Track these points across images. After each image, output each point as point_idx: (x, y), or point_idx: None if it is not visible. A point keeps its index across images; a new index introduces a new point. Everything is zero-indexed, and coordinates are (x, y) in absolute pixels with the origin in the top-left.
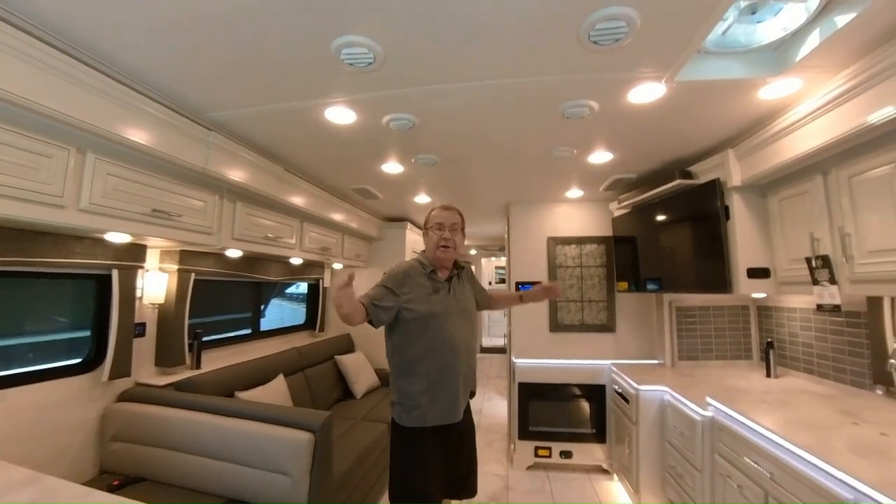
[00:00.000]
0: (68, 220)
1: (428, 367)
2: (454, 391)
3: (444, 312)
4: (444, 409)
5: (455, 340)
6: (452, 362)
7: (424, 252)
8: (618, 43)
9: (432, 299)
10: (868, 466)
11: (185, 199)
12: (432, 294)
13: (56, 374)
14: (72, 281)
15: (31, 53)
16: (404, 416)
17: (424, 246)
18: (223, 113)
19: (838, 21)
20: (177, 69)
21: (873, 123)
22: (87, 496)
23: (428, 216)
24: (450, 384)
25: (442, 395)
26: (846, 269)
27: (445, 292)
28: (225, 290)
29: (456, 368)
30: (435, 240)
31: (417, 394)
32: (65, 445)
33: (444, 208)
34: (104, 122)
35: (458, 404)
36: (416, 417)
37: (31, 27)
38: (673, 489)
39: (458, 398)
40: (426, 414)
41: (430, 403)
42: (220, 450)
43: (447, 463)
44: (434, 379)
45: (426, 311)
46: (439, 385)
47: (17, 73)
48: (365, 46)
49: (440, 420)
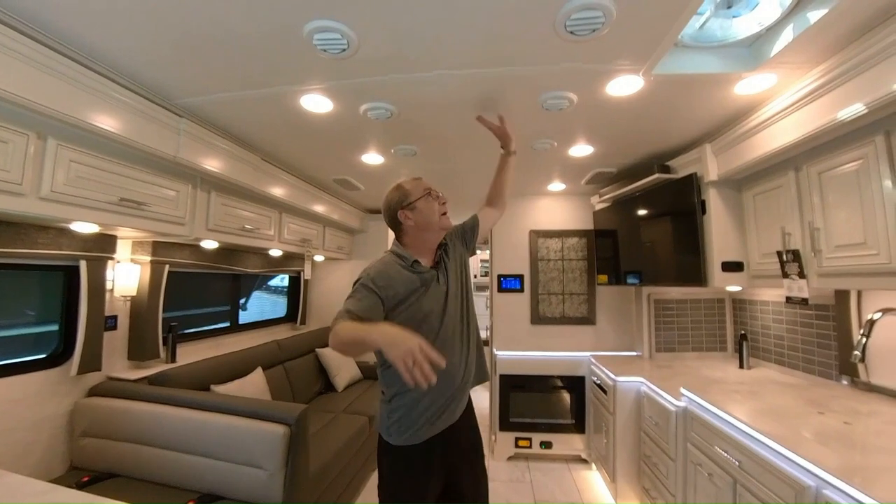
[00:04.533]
0: (28, 209)
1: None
2: (449, 394)
3: (437, 310)
4: (437, 416)
5: (453, 340)
6: (449, 368)
7: (405, 241)
8: (595, 33)
9: (423, 299)
10: (830, 454)
11: (156, 188)
12: (422, 292)
13: (22, 369)
14: (37, 273)
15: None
16: (393, 430)
17: (408, 228)
18: (195, 99)
19: (811, 17)
20: (141, 47)
21: (843, 120)
22: (49, 493)
23: (405, 191)
24: (444, 390)
25: (438, 403)
26: (815, 263)
27: (435, 283)
28: (202, 282)
29: (451, 370)
30: (436, 209)
31: (409, 405)
32: (32, 441)
33: (417, 179)
34: (64, 106)
35: (456, 405)
36: (410, 435)
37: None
38: (648, 477)
39: (456, 401)
40: (420, 427)
41: (424, 413)
42: (193, 444)
43: (450, 482)
44: (428, 388)
45: (417, 313)
46: (435, 393)
47: None
48: (338, 32)
49: (434, 431)
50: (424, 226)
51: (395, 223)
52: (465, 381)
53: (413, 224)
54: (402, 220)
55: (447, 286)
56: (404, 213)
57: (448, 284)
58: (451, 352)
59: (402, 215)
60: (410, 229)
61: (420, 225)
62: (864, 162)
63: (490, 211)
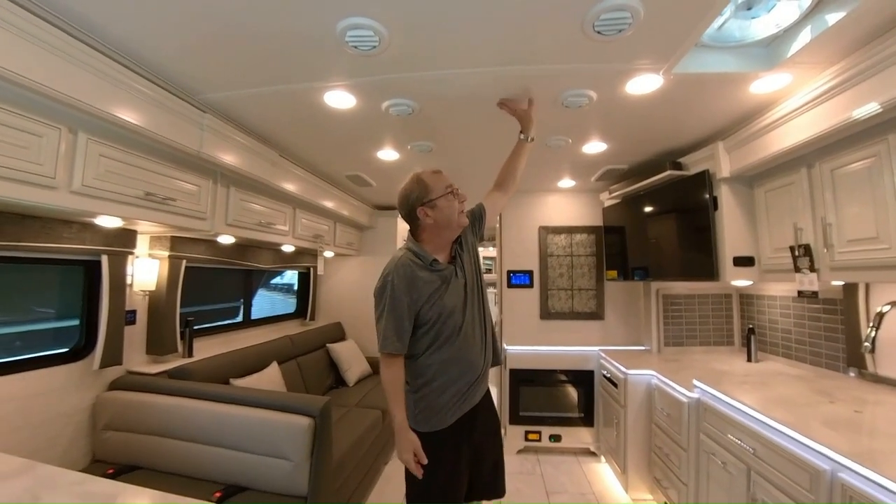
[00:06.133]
0: (61, 202)
1: (445, 370)
2: (472, 380)
3: (459, 305)
4: (461, 400)
5: (474, 330)
6: (469, 356)
7: (422, 236)
8: (621, 34)
9: (445, 296)
10: (843, 439)
11: (179, 183)
12: (444, 290)
13: (45, 363)
14: (59, 267)
15: (13, 22)
16: (420, 419)
17: (426, 225)
18: (218, 94)
19: (829, 19)
20: (170, 43)
21: (858, 118)
22: (84, 483)
23: (426, 186)
24: (468, 377)
25: (462, 389)
26: (826, 257)
27: (454, 278)
28: (216, 277)
29: (474, 359)
30: (456, 207)
31: (435, 393)
32: (56, 435)
33: (436, 172)
34: (96, 100)
35: (477, 389)
36: (436, 421)
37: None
38: (659, 468)
39: (477, 385)
40: (445, 413)
41: (450, 401)
42: (217, 436)
43: (473, 462)
44: (453, 377)
45: (437, 313)
46: (459, 380)
47: (2, 44)
48: (371, 29)
49: (458, 414)
50: (445, 224)
51: (412, 218)
52: (486, 366)
53: (432, 222)
54: (420, 217)
55: (465, 279)
56: (424, 210)
57: (465, 277)
58: (473, 342)
59: (422, 212)
60: (429, 227)
61: (440, 223)
62: (876, 159)
63: (498, 195)
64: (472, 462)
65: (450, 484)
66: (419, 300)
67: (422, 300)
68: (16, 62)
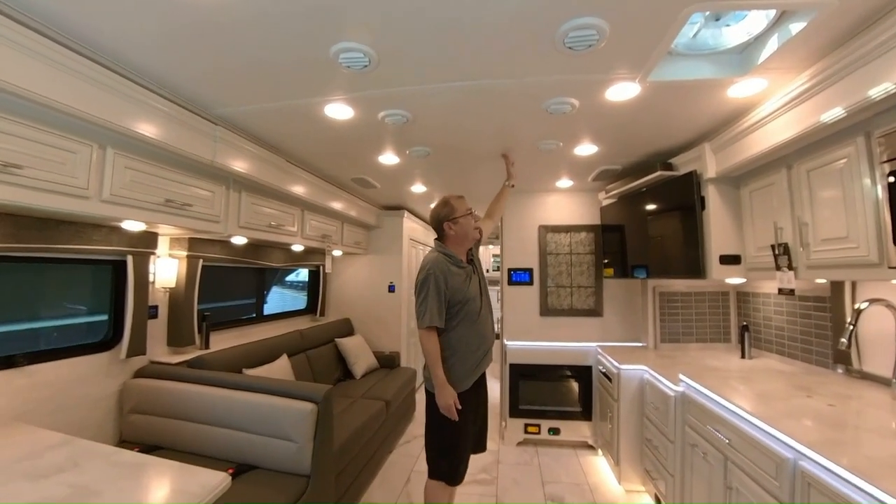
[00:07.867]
0: (92, 210)
1: (468, 342)
2: (487, 350)
3: (477, 294)
4: (477, 366)
5: (487, 313)
6: (484, 332)
7: (447, 243)
8: (591, 48)
9: (469, 286)
10: (810, 430)
11: (195, 190)
12: (469, 281)
13: (78, 352)
14: (90, 266)
15: (52, 57)
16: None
17: (450, 236)
18: (228, 109)
19: (792, 28)
20: (187, 70)
21: (825, 122)
22: (116, 454)
23: (452, 207)
24: (484, 346)
25: (479, 357)
26: (803, 255)
27: (473, 275)
28: (230, 276)
29: (487, 336)
30: (473, 223)
31: (461, 362)
32: (87, 416)
33: (460, 197)
34: (122, 119)
35: (488, 358)
36: (459, 385)
37: (53, 33)
38: (649, 460)
39: (488, 355)
40: (466, 379)
41: (470, 368)
42: (231, 420)
43: (475, 419)
44: (473, 348)
45: (464, 298)
46: (478, 349)
47: (43, 75)
48: (360, 51)
49: (474, 378)
50: (463, 236)
51: (440, 230)
52: (493, 340)
53: (454, 234)
54: (445, 230)
55: (479, 277)
56: (449, 224)
57: (479, 275)
58: (487, 321)
59: (447, 226)
60: (451, 237)
61: (460, 235)
62: (847, 161)
63: (489, 222)
64: (475, 420)
65: (466, 431)
66: (452, 287)
67: (454, 287)
68: (56, 90)
